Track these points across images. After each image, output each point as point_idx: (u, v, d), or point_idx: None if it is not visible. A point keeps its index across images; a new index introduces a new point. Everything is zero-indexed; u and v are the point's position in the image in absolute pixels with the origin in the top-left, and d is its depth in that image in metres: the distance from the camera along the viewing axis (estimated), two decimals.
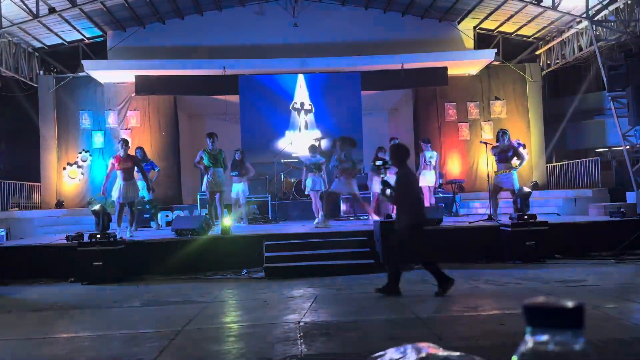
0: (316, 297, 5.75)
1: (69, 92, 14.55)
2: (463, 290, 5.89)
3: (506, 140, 9.50)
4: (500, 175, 9.47)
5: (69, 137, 14.57)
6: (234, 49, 14.48)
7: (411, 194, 5.84)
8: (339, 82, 14.55)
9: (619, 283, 6.02)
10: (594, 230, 8.76)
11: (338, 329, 4.34)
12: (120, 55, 14.46)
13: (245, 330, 4.45)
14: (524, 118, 15.35)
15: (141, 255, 8.00)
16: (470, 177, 14.55)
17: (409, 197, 5.80)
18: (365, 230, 8.38)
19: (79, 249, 7.59)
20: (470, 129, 15.28)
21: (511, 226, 7.97)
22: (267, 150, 14.04)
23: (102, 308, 5.74)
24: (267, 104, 14.40)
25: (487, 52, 14.69)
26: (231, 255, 8.11)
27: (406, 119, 16.01)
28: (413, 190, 5.96)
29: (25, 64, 14.36)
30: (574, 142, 17.14)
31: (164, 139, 14.67)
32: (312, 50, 14.34)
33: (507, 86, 15.44)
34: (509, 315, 4.60)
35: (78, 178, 14.42)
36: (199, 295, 6.20)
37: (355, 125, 14.25)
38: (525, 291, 5.74)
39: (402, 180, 5.80)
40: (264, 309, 5.35)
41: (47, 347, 4.19)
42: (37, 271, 7.82)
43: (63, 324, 5.04)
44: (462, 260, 8.04)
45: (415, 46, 14.68)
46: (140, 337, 4.38)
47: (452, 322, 4.41)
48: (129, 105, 14.63)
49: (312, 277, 7.07)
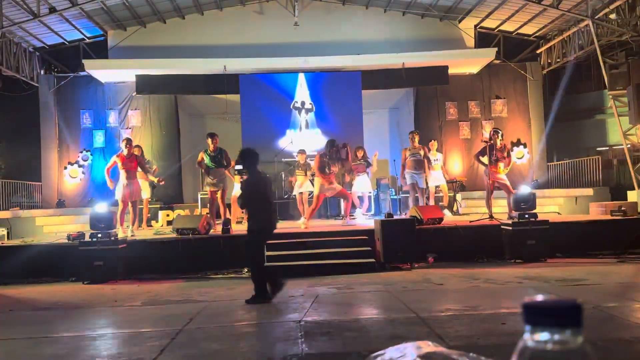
0: (317, 296, 5.75)
1: (70, 92, 14.56)
2: (464, 289, 5.89)
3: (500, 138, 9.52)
4: (500, 175, 9.48)
5: (70, 136, 14.57)
6: (235, 48, 14.48)
7: (259, 199, 5.79)
8: (339, 81, 14.54)
9: (620, 282, 6.02)
10: (594, 229, 8.75)
11: (339, 328, 4.34)
12: (121, 55, 14.47)
13: (246, 330, 4.45)
14: (525, 117, 15.34)
15: (142, 254, 8.01)
16: (471, 176, 14.54)
17: (256, 202, 5.78)
18: (366, 230, 8.37)
19: (80, 249, 7.60)
20: (471, 128, 15.28)
21: (512, 225, 7.97)
22: (267, 149, 14.00)
23: (103, 307, 5.75)
24: (267, 103, 14.40)
25: (487, 50, 14.68)
26: (232, 254, 8.10)
27: (407, 117, 15.99)
28: (261, 196, 5.85)
29: (26, 63, 14.36)
30: (574, 140, 17.12)
31: (165, 138, 14.69)
32: (312, 49, 14.33)
33: (507, 85, 15.44)
34: (510, 314, 4.60)
35: (79, 177, 14.43)
36: (200, 295, 6.20)
37: (356, 124, 14.26)
38: (526, 290, 5.74)
39: (247, 185, 5.83)
40: (264, 308, 5.35)
41: (48, 346, 4.20)
42: (38, 270, 7.83)
43: (63, 323, 5.04)
44: (463, 259, 8.06)
45: (416, 45, 14.68)
46: (141, 336, 4.38)
47: (452, 321, 4.41)
48: (129, 104, 14.64)
49: (312, 276, 7.07)
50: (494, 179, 9.48)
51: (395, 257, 7.66)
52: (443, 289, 5.98)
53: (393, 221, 8.12)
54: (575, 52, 14.64)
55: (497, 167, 9.49)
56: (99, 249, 7.52)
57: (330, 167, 9.25)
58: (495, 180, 9.49)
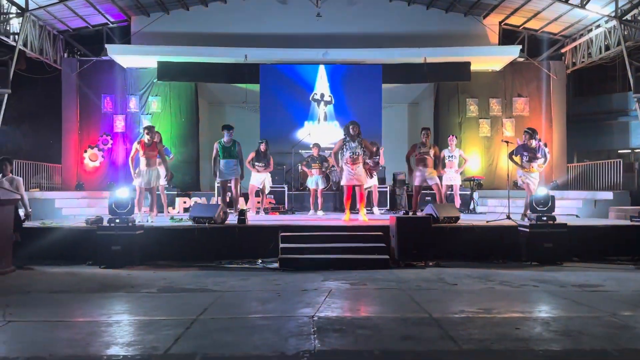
0: (330, 291, 5.77)
1: (92, 76, 14.70)
2: (478, 291, 5.86)
3: (536, 140, 9.46)
4: (533, 174, 9.43)
5: (91, 120, 14.74)
6: (257, 37, 14.48)
7: None
8: (360, 74, 14.49)
9: (637, 290, 5.94)
10: (613, 234, 8.64)
11: (351, 325, 4.35)
12: (144, 41, 14.55)
13: (259, 322, 4.48)
14: (547, 116, 15.15)
15: (159, 241, 8.09)
16: (490, 175, 14.43)
17: None
18: (381, 226, 8.35)
19: (98, 233, 7.69)
20: (492, 126, 15.14)
21: (529, 227, 7.90)
22: (285, 140, 14.07)
23: (119, 293, 5.82)
24: (287, 94, 14.41)
25: (512, 48, 14.51)
26: (247, 244, 8.17)
27: (427, 113, 15.90)
28: None
29: (50, 46, 14.51)
30: (596, 142, 16.88)
31: (184, 125, 14.78)
32: (334, 41, 14.29)
33: (530, 83, 15.25)
34: (524, 319, 4.58)
35: (98, 161, 14.60)
36: (215, 284, 6.25)
37: (375, 117, 14.21)
38: (541, 294, 5.69)
39: None
40: (278, 301, 5.38)
41: (64, 331, 4.27)
42: (56, 253, 7.94)
43: (80, 308, 5.12)
44: (478, 258, 8.02)
45: (438, 40, 14.55)
46: (156, 324, 4.43)
47: (465, 323, 4.39)
48: (150, 90, 14.76)
49: (326, 270, 7.09)
50: (524, 179, 9.46)
51: (410, 254, 7.64)
52: (457, 290, 5.96)
53: (409, 218, 8.08)
54: (601, 52, 14.40)
55: (530, 167, 9.45)
56: (116, 234, 7.61)
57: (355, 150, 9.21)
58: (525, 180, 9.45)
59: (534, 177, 9.49)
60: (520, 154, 9.53)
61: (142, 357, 3.53)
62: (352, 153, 9.22)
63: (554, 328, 4.26)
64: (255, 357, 3.54)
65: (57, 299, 5.55)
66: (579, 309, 4.99)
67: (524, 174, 9.50)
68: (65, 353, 3.64)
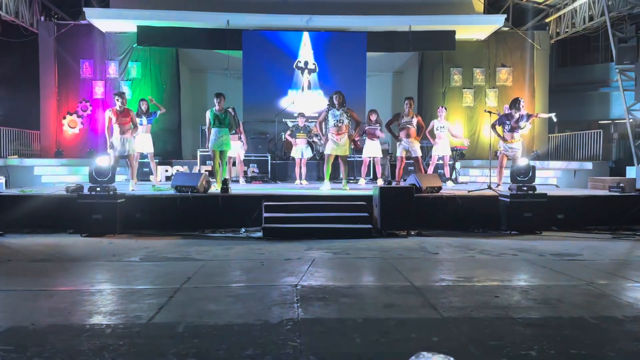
0: (313, 260, 5.81)
1: (70, 40, 14.32)
2: (459, 260, 5.95)
3: (522, 110, 9.51)
4: (514, 145, 9.51)
5: (69, 85, 14.42)
6: (239, 2, 14.16)
7: None
8: (344, 41, 14.32)
9: (614, 259, 6.07)
10: (592, 204, 8.79)
11: (334, 293, 4.39)
12: (123, 4, 14.15)
13: (243, 291, 4.50)
14: (530, 86, 15.20)
15: (141, 209, 8.04)
16: (472, 145, 14.49)
17: None
18: (364, 195, 8.39)
19: (79, 201, 7.61)
20: (475, 96, 15.16)
21: (510, 197, 7.99)
22: (268, 108, 13.94)
23: (101, 261, 5.79)
24: (270, 61, 14.21)
25: (496, 17, 14.41)
26: (230, 214, 8.15)
27: (411, 82, 15.84)
28: None
29: (26, 8, 14.07)
30: (577, 112, 17.02)
31: (165, 92, 14.53)
32: (318, 7, 14.05)
33: (514, 53, 15.24)
34: (504, 287, 4.66)
35: (78, 128, 14.35)
36: (197, 253, 6.25)
37: (359, 86, 14.12)
38: (520, 263, 5.79)
39: None
40: (261, 270, 5.41)
41: (46, 300, 4.24)
42: (36, 221, 7.87)
43: (62, 277, 5.09)
44: (459, 228, 8.12)
45: (424, 8, 14.39)
46: (139, 293, 4.43)
47: (446, 291, 4.46)
48: (130, 55, 14.43)
49: (309, 240, 7.13)
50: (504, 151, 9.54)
51: (392, 224, 7.69)
52: (438, 259, 6.04)
53: (392, 188, 8.13)
54: (585, 22, 14.40)
55: (512, 137, 9.52)
56: (97, 202, 7.54)
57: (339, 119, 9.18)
58: (506, 152, 9.53)
59: (515, 148, 9.57)
60: (503, 123, 9.59)
61: (124, 326, 3.53)
62: (336, 121, 9.20)
63: (532, 296, 4.34)
64: (239, 325, 3.56)
65: (38, 268, 5.51)
66: (557, 277, 5.09)
67: (504, 145, 9.57)
68: (48, 322, 3.63)
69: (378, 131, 11.00)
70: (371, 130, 10.94)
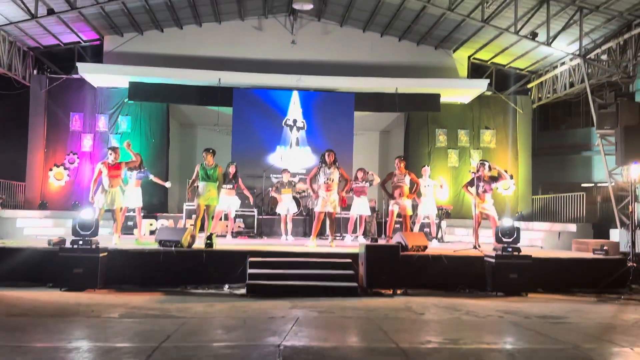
0: (297, 318, 5.71)
1: (61, 94, 14.48)
2: (445, 321, 5.89)
3: (487, 170, 9.69)
4: (486, 205, 9.63)
5: (58, 138, 14.47)
6: (231, 61, 14.53)
7: None
8: (333, 101, 14.64)
9: (599, 322, 6.05)
10: (576, 266, 8.80)
11: (318, 355, 4.30)
12: (116, 60, 14.45)
13: (223, 351, 4.39)
14: (513, 149, 15.54)
15: (123, 264, 7.90)
16: (457, 205, 14.63)
17: None
18: (351, 253, 8.35)
19: (60, 255, 7.47)
20: (460, 156, 15.43)
21: (495, 257, 8.00)
22: (256, 164, 14.05)
23: (80, 317, 5.65)
24: (260, 118, 14.44)
25: (480, 82, 14.88)
26: (214, 269, 8.03)
27: (397, 141, 16.12)
28: None
29: (19, 62, 14.29)
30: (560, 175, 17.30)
31: (154, 146, 14.61)
32: (308, 68, 14.44)
33: (497, 116, 15.65)
34: (490, 350, 4.60)
35: (64, 180, 14.29)
36: (179, 310, 6.12)
37: (346, 144, 14.32)
38: (507, 325, 5.74)
39: None
40: (244, 328, 5.30)
41: (22, 356, 4.11)
42: (16, 274, 7.69)
43: (38, 332, 4.94)
44: (445, 287, 8.06)
45: (410, 71, 14.87)
46: (116, 351, 4.31)
47: (432, 354, 4.39)
48: (120, 110, 14.59)
49: (294, 297, 7.02)
50: (480, 209, 9.62)
51: (378, 282, 7.63)
52: (425, 319, 5.97)
53: (378, 246, 8.10)
54: (565, 89, 14.89)
55: (484, 198, 9.63)
56: (79, 256, 7.41)
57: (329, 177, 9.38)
58: (482, 211, 9.63)
59: (487, 207, 9.68)
60: (476, 185, 9.69)
61: None
62: (326, 179, 9.38)
63: None
64: None
65: (14, 322, 5.35)
66: (543, 340, 5.05)
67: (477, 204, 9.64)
68: None
69: (366, 189, 11.12)
70: (359, 188, 11.05)
